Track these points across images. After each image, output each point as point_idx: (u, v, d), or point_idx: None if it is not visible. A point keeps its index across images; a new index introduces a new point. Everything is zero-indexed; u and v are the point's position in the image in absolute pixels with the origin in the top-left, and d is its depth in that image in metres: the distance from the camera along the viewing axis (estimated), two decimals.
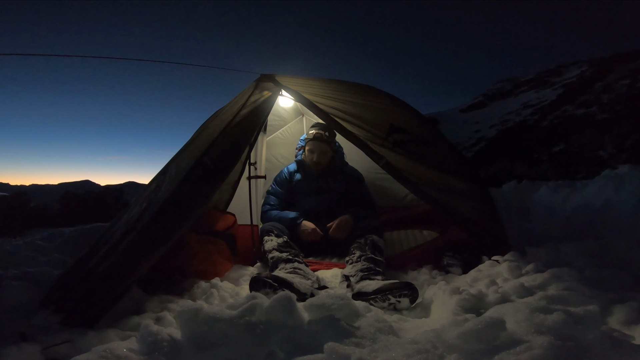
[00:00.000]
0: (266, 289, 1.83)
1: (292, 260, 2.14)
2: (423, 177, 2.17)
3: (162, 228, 1.67)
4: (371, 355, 1.00)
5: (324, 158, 2.74)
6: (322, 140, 2.69)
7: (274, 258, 2.20)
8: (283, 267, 2.09)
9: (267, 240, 2.33)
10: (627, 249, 2.02)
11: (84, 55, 3.05)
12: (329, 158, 2.77)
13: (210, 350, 1.13)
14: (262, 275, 1.91)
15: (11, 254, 2.35)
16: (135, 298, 1.72)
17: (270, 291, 1.81)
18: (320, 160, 2.72)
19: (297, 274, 2.00)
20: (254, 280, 1.88)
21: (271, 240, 2.31)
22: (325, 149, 2.72)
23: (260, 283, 1.85)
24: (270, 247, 2.27)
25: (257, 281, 1.86)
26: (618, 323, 1.29)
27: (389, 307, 1.72)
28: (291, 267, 2.07)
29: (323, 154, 2.73)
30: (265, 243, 2.32)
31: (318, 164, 2.73)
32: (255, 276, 1.91)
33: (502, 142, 23.63)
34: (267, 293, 1.78)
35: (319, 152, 2.71)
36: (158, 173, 2.14)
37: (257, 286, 1.84)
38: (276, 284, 1.83)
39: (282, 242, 2.29)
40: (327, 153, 2.74)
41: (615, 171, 3.79)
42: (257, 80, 2.41)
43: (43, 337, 1.28)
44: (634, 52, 32.08)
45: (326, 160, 2.76)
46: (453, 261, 2.16)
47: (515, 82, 48.06)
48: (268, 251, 2.27)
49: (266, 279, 1.86)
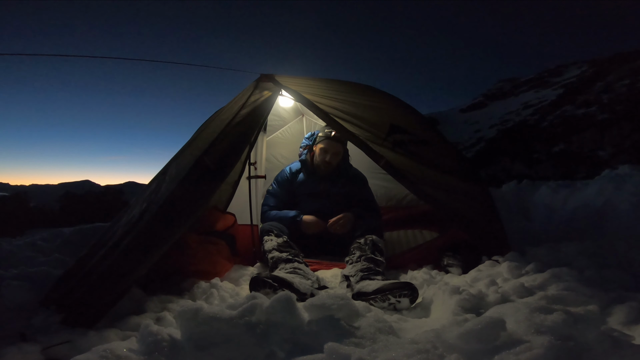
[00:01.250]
0: (266, 289, 1.82)
1: (292, 260, 2.14)
2: (423, 177, 2.17)
3: (162, 228, 1.67)
4: (371, 355, 1.00)
5: (335, 159, 2.70)
6: (339, 140, 2.66)
7: (274, 258, 2.19)
8: (283, 267, 2.09)
9: (266, 240, 2.33)
10: (627, 249, 2.02)
11: (84, 55, 3.05)
12: (339, 159, 2.74)
13: (210, 350, 1.12)
14: (262, 275, 1.90)
15: (11, 254, 2.35)
16: (135, 298, 1.72)
17: (270, 291, 1.80)
18: (332, 161, 2.68)
19: (297, 274, 2.00)
20: (254, 280, 1.88)
21: (271, 240, 2.31)
22: (339, 150, 2.69)
23: (260, 283, 1.85)
24: (270, 247, 2.27)
25: (257, 281, 1.86)
26: (618, 323, 1.29)
27: (389, 307, 1.72)
28: (291, 267, 2.07)
29: (336, 155, 2.69)
30: (265, 243, 2.32)
31: (329, 164, 2.68)
32: (255, 276, 1.91)
33: (502, 142, 23.63)
34: (267, 293, 1.78)
35: (333, 152, 2.67)
36: (158, 173, 2.14)
37: (257, 286, 1.84)
38: (276, 284, 1.83)
39: (282, 241, 2.29)
40: (339, 154, 2.71)
41: (615, 171, 3.79)
42: (257, 80, 2.41)
43: (43, 337, 1.28)
44: (634, 52, 32.05)
45: (337, 162, 2.72)
46: (453, 261, 2.16)
47: (515, 82, 48.04)
48: (268, 251, 2.26)
49: (266, 279, 1.86)
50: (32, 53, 4.74)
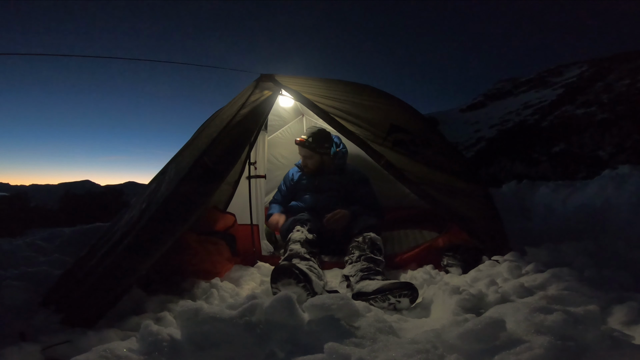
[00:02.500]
0: (290, 279, 1.81)
1: (309, 259, 2.13)
2: (423, 176, 2.17)
3: (162, 228, 1.67)
4: (371, 355, 1.00)
5: (309, 162, 2.87)
6: (304, 145, 2.81)
7: (293, 250, 2.19)
8: (298, 262, 2.08)
9: (298, 229, 2.35)
10: (627, 249, 2.02)
11: (84, 55, 3.06)
12: (315, 162, 2.87)
13: (210, 350, 1.13)
14: (288, 265, 1.87)
15: (11, 254, 2.35)
16: (135, 298, 1.72)
17: (293, 282, 1.80)
18: (306, 164, 2.89)
19: (313, 273, 1.99)
20: (279, 268, 1.85)
21: (301, 232, 2.33)
22: (308, 154, 2.84)
23: (287, 272, 1.82)
24: (298, 237, 2.28)
25: (284, 270, 1.83)
26: (618, 323, 1.29)
27: (389, 307, 1.72)
28: (307, 265, 2.06)
29: (308, 158, 2.86)
30: (295, 232, 2.33)
31: (305, 166, 2.91)
32: (282, 264, 1.89)
33: (502, 142, 23.62)
34: (288, 283, 1.79)
35: (303, 156, 2.88)
36: (158, 173, 2.14)
37: (282, 275, 1.82)
38: (302, 276, 1.82)
39: (311, 238, 2.31)
40: (311, 157, 2.86)
41: (615, 171, 3.78)
42: (257, 80, 2.41)
43: (43, 337, 1.28)
44: (634, 52, 32.05)
45: (313, 164, 2.88)
46: (453, 261, 2.15)
47: (515, 82, 48.03)
48: (292, 240, 2.27)
49: (294, 269, 1.83)
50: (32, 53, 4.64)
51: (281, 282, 1.81)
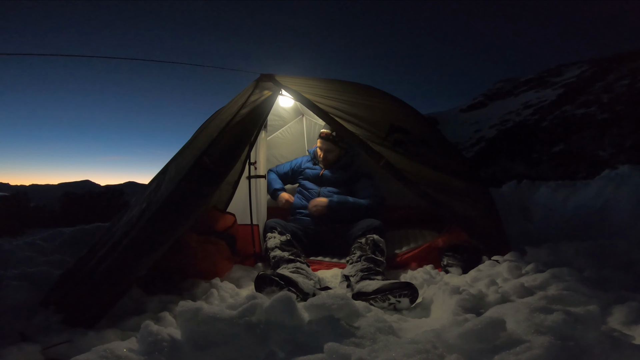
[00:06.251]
0: (272, 287, 1.83)
1: (294, 260, 2.15)
2: (423, 177, 2.17)
3: (162, 228, 1.67)
4: (371, 355, 1.00)
5: (330, 155, 2.90)
6: (328, 139, 2.85)
7: (276, 257, 2.20)
8: (285, 266, 2.10)
9: (270, 237, 2.36)
10: (627, 249, 2.02)
11: (84, 55, 3.05)
12: (336, 156, 2.92)
13: (210, 350, 1.13)
14: (268, 273, 1.91)
15: (11, 254, 2.35)
16: (135, 298, 1.73)
17: (276, 289, 1.81)
18: (327, 158, 2.90)
19: (300, 274, 2.00)
20: (260, 278, 1.87)
21: (274, 237, 2.34)
22: (330, 147, 2.87)
23: (267, 281, 1.85)
24: (273, 244, 2.28)
25: (264, 279, 1.86)
26: (618, 323, 1.29)
27: (389, 307, 1.72)
28: (294, 267, 2.07)
29: (329, 152, 2.89)
30: (268, 240, 2.34)
31: (325, 160, 2.92)
32: (262, 274, 1.90)
33: (502, 142, 23.60)
34: (272, 291, 1.79)
35: (325, 149, 2.89)
36: (158, 173, 2.14)
37: (263, 284, 1.84)
38: (282, 282, 1.83)
39: (285, 239, 2.31)
40: (333, 151, 2.89)
41: (615, 171, 3.78)
42: (257, 80, 2.41)
43: (43, 337, 1.28)
44: (634, 52, 32.03)
45: (333, 158, 2.92)
46: (453, 261, 2.15)
47: (515, 82, 48.00)
48: (270, 249, 2.28)
49: (273, 277, 1.86)
50: (33, 53, 4.68)
51: (265, 291, 1.82)
